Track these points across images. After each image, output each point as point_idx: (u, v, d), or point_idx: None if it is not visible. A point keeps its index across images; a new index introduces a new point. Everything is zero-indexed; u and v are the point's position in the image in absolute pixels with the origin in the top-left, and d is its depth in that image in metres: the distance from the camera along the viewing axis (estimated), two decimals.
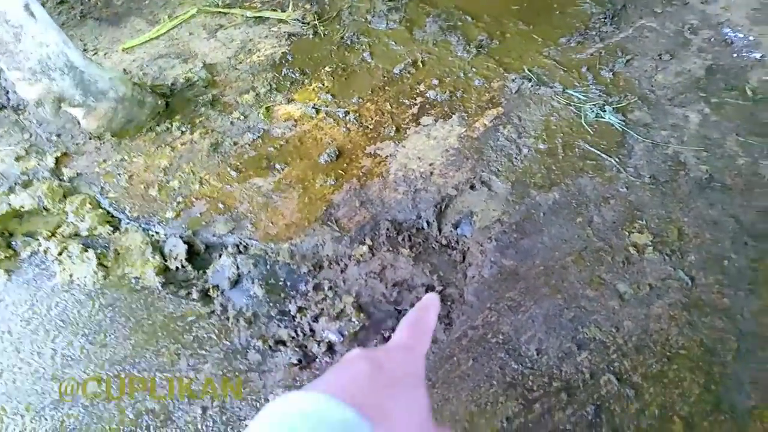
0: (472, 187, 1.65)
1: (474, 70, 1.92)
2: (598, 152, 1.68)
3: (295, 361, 1.38)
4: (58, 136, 1.81)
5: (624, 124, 1.74)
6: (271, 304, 1.48)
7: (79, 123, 1.79)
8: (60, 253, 1.56)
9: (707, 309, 1.37)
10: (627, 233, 1.51)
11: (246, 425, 1.29)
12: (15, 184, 1.71)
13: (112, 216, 1.65)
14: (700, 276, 1.42)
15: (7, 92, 1.98)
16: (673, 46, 1.95)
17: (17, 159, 1.78)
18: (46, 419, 1.34)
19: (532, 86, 1.85)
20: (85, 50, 2.07)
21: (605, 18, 2.04)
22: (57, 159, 1.76)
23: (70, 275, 1.54)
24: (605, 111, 1.77)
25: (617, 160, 1.66)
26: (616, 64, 1.90)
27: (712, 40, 1.95)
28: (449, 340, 1.39)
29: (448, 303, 1.46)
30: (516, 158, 1.69)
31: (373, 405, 0.48)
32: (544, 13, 2.09)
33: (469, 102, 1.84)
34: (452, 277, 1.51)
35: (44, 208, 1.64)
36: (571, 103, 1.81)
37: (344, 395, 0.47)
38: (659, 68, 1.89)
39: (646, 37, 1.99)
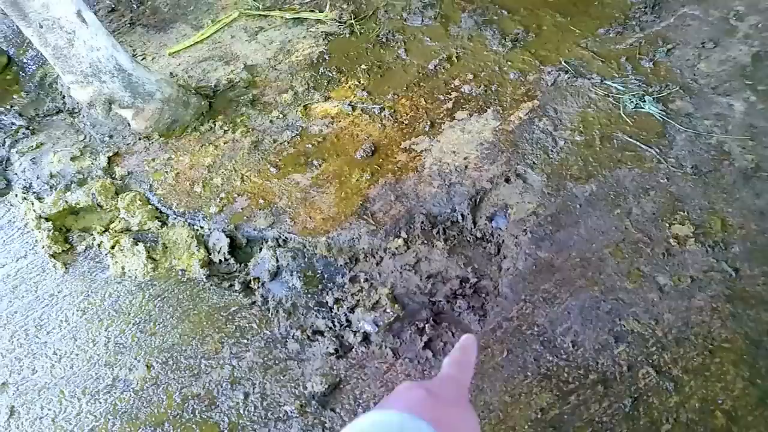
0: (507, 180, 1.65)
1: (509, 63, 1.92)
2: (638, 143, 1.65)
3: (332, 351, 1.42)
4: (110, 137, 1.92)
5: (665, 114, 1.70)
6: (309, 296, 1.53)
7: (128, 124, 1.88)
8: (113, 247, 1.66)
9: (752, 301, 1.33)
10: (667, 225, 1.48)
11: (285, 411, 1.34)
12: (71, 182, 1.82)
13: (160, 212, 1.74)
14: (744, 268, 1.38)
15: (63, 97, 2.10)
16: (717, 34, 1.89)
17: (73, 159, 1.89)
18: (100, 402, 1.42)
19: (568, 78, 1.83)
20: (134, 55, 2.18)
21: (645, 7, 2.00)
22: (109, 158, 1.86)
23: (122, 268, 1.63)
24: (645, 101, 1.73)
25: (657, 150, 1.63)
26: (657, 54, 1.86)
27: (760, 26, 1.88)
28: (483, 332, 1.40)
29: (483, 295, 1.47)
30: (552, 150, 1.68)
31: (440, 420, 0.55)
32: (582, 5, 2.06)
33: (504, 95, 1.84)
34: (487, 270, 1.52)
35: (98, 204, 1.74)
36: (610, 94, 1.78)
37: (415, 412, 0.55)
38: (702, 57, 1.84)
39: (688, 25, 1.94)
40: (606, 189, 1.58)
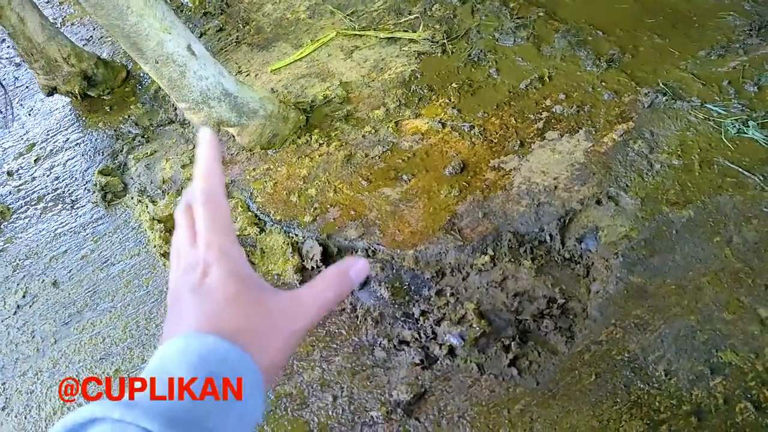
0: (599, 202, 1.63)
1: (603, 84, 1.90)
2: (740, 169, 1.59)
3: (418, 361, 1.46)
4: None
5: None
6: (396, 306, 1.58)
7: (233, 137, 2.03)
8: None
9: None
10: None
11: (371, 416, 1.39)
12: (181, 188, 1.98)
13: (259, 218, 1.86)
14: None
15: (175, 109, 2.29)
16: None
17: (183, 167, 2.05)
18: None
19: (666, 100, 1.80)
20: (239, 72, 2.34)
21: (750, 30, 1.92)
22: None
23: None
24: (749, 126, 1.67)
25: (761, 177, 1.56)
26: (762, 78, 1.79)
27: None
28: (570, 353, 1.39)
29: (571, 316, 1.46)
30: (647, 174, 1.65)
31: (236, 329, 0.52)
32: (682, 26, 2.01)
33: (597, 116, 1.83)
34: (575, 291, 1.51)
35: None
36: (710, 118, 1.73)
37: (211, 327, 0.51)
38: None
39: None
40: (705, 215, 1.53)
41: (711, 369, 1.28)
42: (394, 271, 1.65)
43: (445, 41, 2.20)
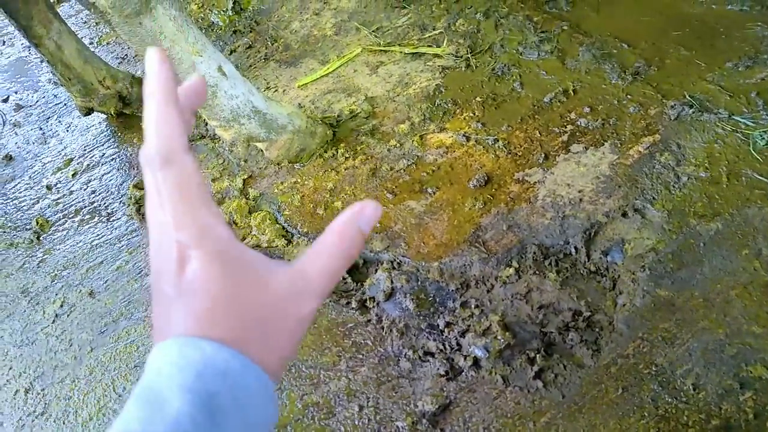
0: (624, 215, 1.63)
1: (629, 97, 1.90)
2: None
3: (443, 372, 1.47)
4: (245, 161, 2.13)
5: None
6: (421, 318, 1.60)
7: (261, 151, 2.08)
8: None
9: None
10: None
11: (396, 426, 1.41)
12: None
13: (286, 231, 1.90)
14: None
15: (206, 124, 2.36)
16: None
17: (213, 180, 2.12)
18: None
19: (693, 113, 1.79)
20: (267, 88, 2.40)
21: None
22: (244, 181, 2.06)
23: None
24: None
25: None
26: None
27: None
28: (596, 366, 1.39)
29: (596, 329, 1.46)
30: (674, 186, 1.64)
31: (233, 330, 0.44)
32: (708, 38, 2.00)
33: (623, 129, 1.83)
34: (601, 304, 1.51)
35: (233, 221, 1.94)
36: (738, 130, 1.71)
37: (188, 331, 0.43)
38: None
39: None
40: (733, 228, 1.52)
41: (740, 383, 1.27)
42: (419, 282, 1.67)
43: (469, 56, 2.23)
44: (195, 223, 0.45)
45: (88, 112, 2.45)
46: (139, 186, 2.19)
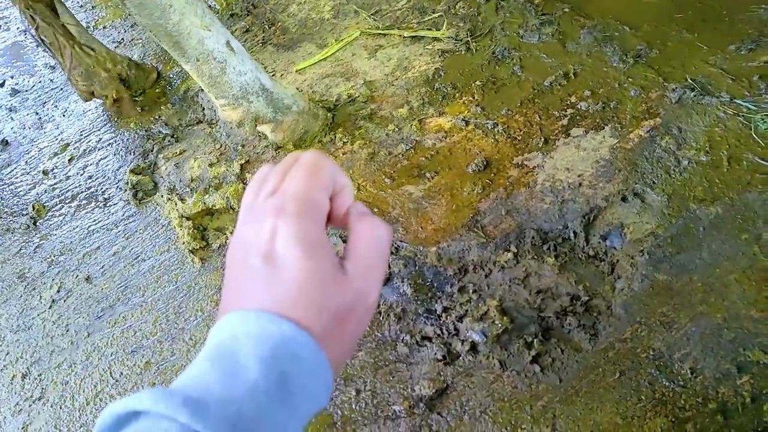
0: (624, 199, 1.62)
1: (630, 80, 1.88)
2: None
3: (440, 357, 1.47)
4: (243, 146, 2.11)
5: None
6: (418, 302, 1.59)
7: (259, 135, 2.06)
8: None
9: None
10: None
11: (394, 410, 1.41)
12: (209, 186, 2.02)
13: None
14: None
15: (203, 108, 2.34)
16: None
17: (210, 165, 2.10)
18: None
19: (694, 96, 1.77)
20: (265, 72, 2.38)
21: None
22: (242, 165, 2.04)
23: None
24: None
25: None
26: None
27: None
28: (594, 351, 1.38)
29: (594, 314, 1.45)
30: (674, 170, 1.63)
31: (310, 318, 0.45)
32: (711, 21, 1.97)
33: (624, 113, 1.81)
34: (599, 289, 1.50)
35: (231, 207, 1.93)
36: (740, 114, 1.69)
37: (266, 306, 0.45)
38: None
39: None
40: (733, 212, 1.51)
41: (738, 367, 1.26)
42: (417, 267, 1.66)
43: (468, 39, 2.20)
44: (296, 196, 0.47)
45: (89, 96, 2.43)
46: (136, 171, 2.18)
